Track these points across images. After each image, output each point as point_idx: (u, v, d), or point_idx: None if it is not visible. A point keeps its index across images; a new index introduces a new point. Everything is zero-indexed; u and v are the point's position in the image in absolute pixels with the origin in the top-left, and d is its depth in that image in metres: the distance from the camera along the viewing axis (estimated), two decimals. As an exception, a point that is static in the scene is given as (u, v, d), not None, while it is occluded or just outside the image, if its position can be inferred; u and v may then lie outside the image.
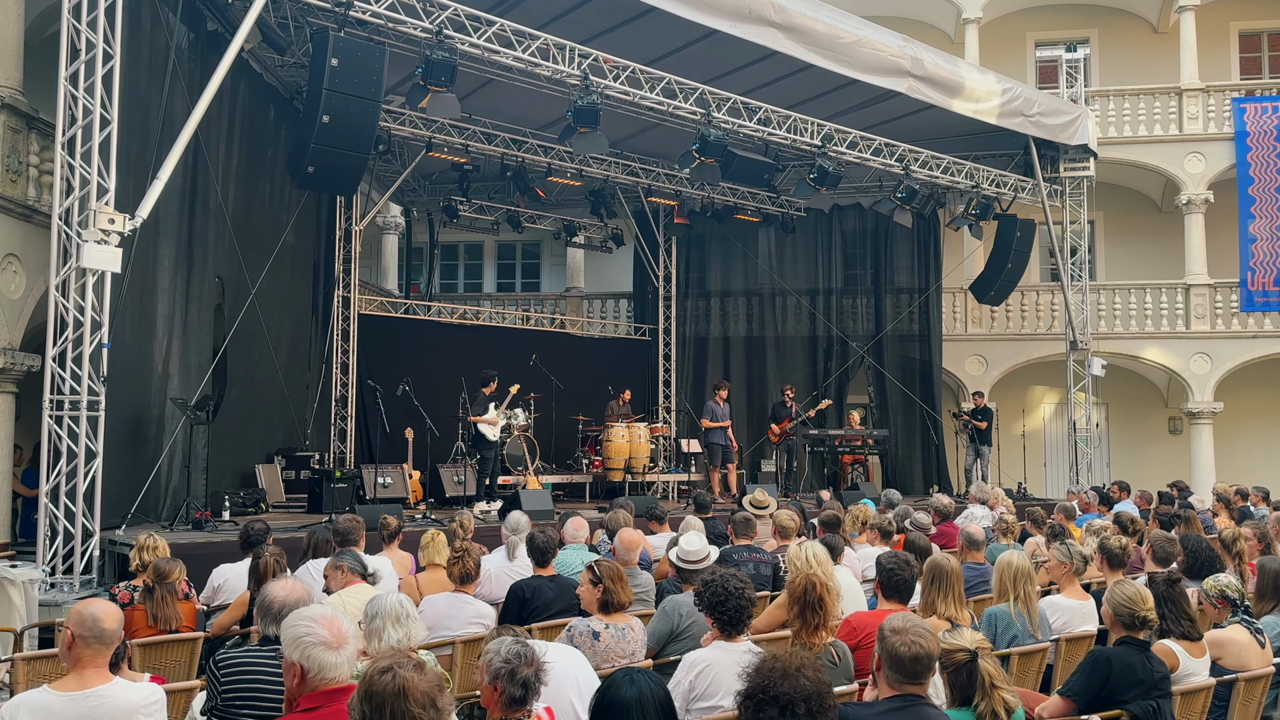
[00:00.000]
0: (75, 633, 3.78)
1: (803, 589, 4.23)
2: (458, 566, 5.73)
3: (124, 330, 9.46)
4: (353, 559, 5.52)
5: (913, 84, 14.47)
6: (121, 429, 9.63)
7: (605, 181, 16.68)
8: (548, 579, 6.03)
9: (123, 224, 8.53)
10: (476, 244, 23.41)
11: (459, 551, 5.80)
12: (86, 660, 3.79)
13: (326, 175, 10.10)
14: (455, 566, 5.74)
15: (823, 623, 4.23)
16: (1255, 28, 21.07)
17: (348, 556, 5.54)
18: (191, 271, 11.29)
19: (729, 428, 15.54)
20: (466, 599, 5.74)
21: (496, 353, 16.54)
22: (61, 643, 3.84)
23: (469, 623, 5.62)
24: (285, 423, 14.27)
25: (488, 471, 12.41)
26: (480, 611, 5.72)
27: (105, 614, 3.86)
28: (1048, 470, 20.61)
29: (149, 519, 10.13)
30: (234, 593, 6.67)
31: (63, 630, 3.83)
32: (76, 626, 3.78)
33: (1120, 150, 19.14)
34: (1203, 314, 19.03)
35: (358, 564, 5.51)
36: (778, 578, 7.17)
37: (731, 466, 15.45)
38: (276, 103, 13.72)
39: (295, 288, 14.57)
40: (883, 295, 19.08)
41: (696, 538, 5.41)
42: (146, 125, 10.16)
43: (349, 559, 5.51)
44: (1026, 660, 5.29)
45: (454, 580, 5.77)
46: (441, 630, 5.59)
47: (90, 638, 3.79)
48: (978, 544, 6.94)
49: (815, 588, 4.22)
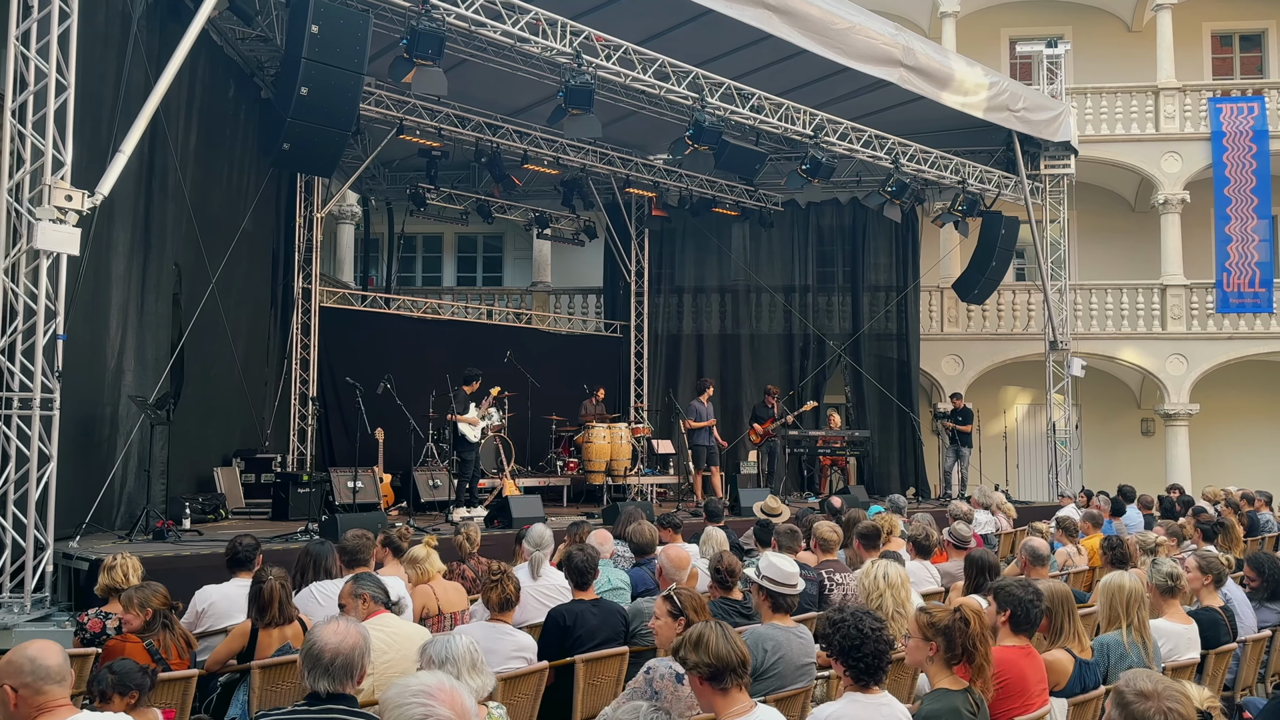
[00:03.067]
0: (14, 685, 3.08)
1: (959, 627, 3.59)
2: (496, 591, 5.00)
3: (75, 321, 8.53)
4: (375, 585, 4.77)
5: (904, 74, 14.01)
6: (72, 429, 8.69)
7: (582, 171, 15.95)
8: (589, 603, 5.32)
9: (81, 201, 7.62)
10: (435, 236, 22.49)
11: (497, 574, 5.07)
12: (46, 709, 3.10)
13: (303, 153, 9.27)
14: (493, 591, 5.01)
15: (982, 666, 3.59)
16: (1227, 29, 21.02)
17: (368, 583, 4.79)
18: (148, 258, 10.36)
19: (714, 427, 14.92)
20: (506, 629, 5.01)
21: (464, 349, 15.74)
22: (3, 705, 3.12)
23: (509, 657, 4.90)
24: (243, 422, 13.33)
25: (468, 475, 11.64)
26: (522, 644, 5.00)
27: (41, 650, 3.20)
28: (1021, 472, 20.35)
29: (103, 528, 9.22)
30: (221, 618, 5.87)
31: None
32: (13, 678, 3.06)
33: (1097, 148, 18.90)
34: (1179, 315, 18.87)
35: (380, 590, 4.76)
36: (823, 598, 6.55)
37: (715, 469, 14.81)
38: (237, 79, 12.77)
39: (253, 278, 13.61)
40: (860, 293, 18.60)
41: (783, 557, 4.74)
42: (102, 95, 9.25)
43: (370, 585, 4.76)
44: (1141, 695, 4.70)
45: (492, 607, 5.05)
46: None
47: (37, 683, 3.11)
48: (1042, 559, 6.38)
49: (972, 623, 3.58)
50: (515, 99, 14.79)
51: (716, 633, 3.30)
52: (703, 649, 3.29)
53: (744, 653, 3.33)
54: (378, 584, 4.79)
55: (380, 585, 4.80)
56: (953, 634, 3.59)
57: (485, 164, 14.59)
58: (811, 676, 4.74)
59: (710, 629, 3.32)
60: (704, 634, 3.32)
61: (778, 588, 4.62)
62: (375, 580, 4.84)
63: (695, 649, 3.31)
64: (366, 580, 4.80)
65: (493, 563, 5.35)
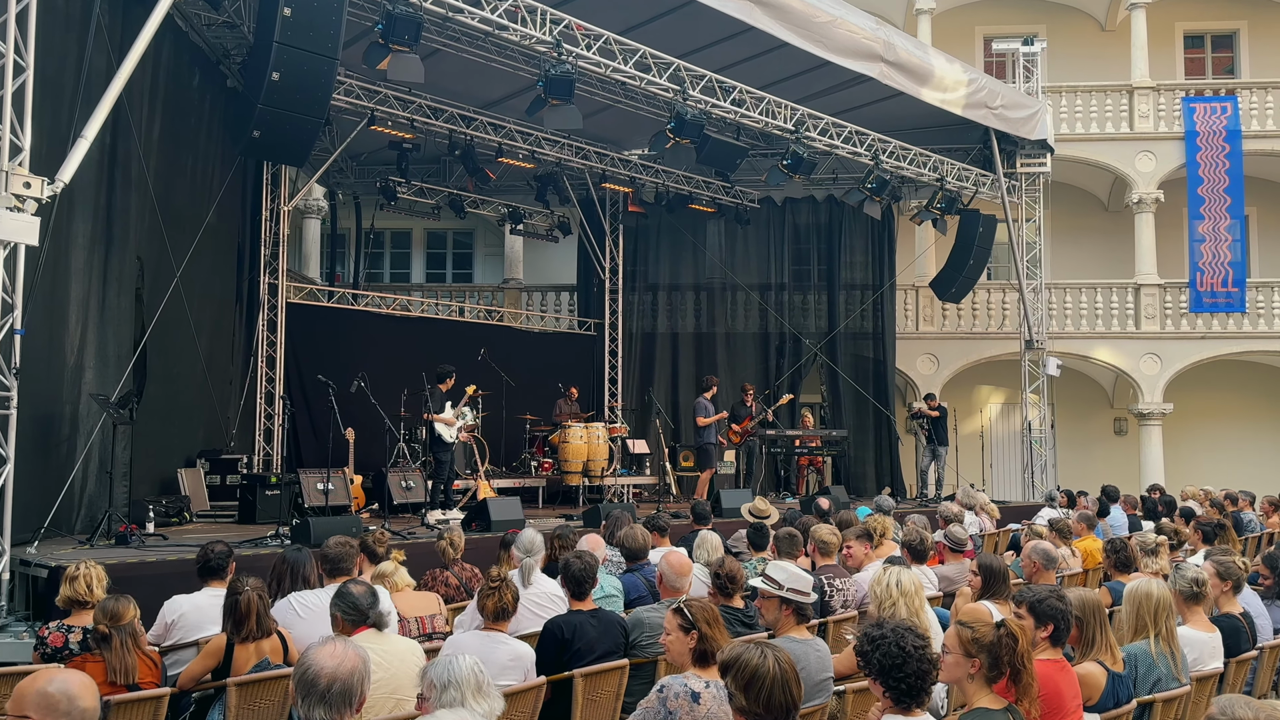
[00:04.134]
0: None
1: (1006, 644, 3.34)
2: (493, 599, 4.70)
3: (33, 316, 8.10)
4: (348, 603, 4.43)
5: (884, 69, 13.85)
6: (30, 429, 8.24)
7: (557, 165, 15.64)
8: (588, 614, 5.03)
9: (40, 189, 7.21)
10: (404, 232, 22.06)
11: (495, 581, 4.77)
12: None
13: (274, 141, 8.88)
14: (490, 599, 4.71)
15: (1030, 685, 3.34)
16: (1199, 29, 21.08)
17: (342, 601, 4.44)
18: (110, 250, 9.91)
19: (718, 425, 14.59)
20: (502, 638, 4.71)
21: (435, 347, 15.39)
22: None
23: (504, 667, 4.59)
24: (206, 422, 12.88)
25: (444, 476, 11.27)
26: (518, 653, 4.70)
27: (79, 688, 2.78)
28: (994, 471, 20.31)
29: (62, 532, 8.78)
30: (191, 630, 5.52)
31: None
32: (43, 713, 2.69)
33: (1071, 148, 18.85)
34: (1153, 314, 18.88)
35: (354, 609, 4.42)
36: (825, 606, 6.31)
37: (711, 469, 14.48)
38: (202, 67, 12.33)
39: (217, 272, 13.15)
40: (836, 291, 18.42)
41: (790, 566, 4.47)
42: (61, 80, 8.81)
43: (342, 604, 4.42)
44: (1170, 708, 4.51)
45: (487, 615, 4.74)
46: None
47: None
48: (1053, 562, 6.17)
49: (1020, 640, 3.33)
50: (488, 91, 14.46)
51: (775, 678, 2.96)
52: (756, 695, 2.97)
53: (797, 697, 3.04)
54: (354, 600, 4.45)
55: (356, 600, 4.46)
56: (999, 651, 3.35)
57: (459, 157, 14.22)
58: (829, 692, 4.50)
59: (768, 671, 2.98)
60: (760, 677, 2.98)
61: (802, 598, 4.36)
62: (352, 596, 4.48)
63: (746, 692, 3.00)
64: (342, 597, 4.45)
65: (492, 568, 5.03)
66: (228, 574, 5.78)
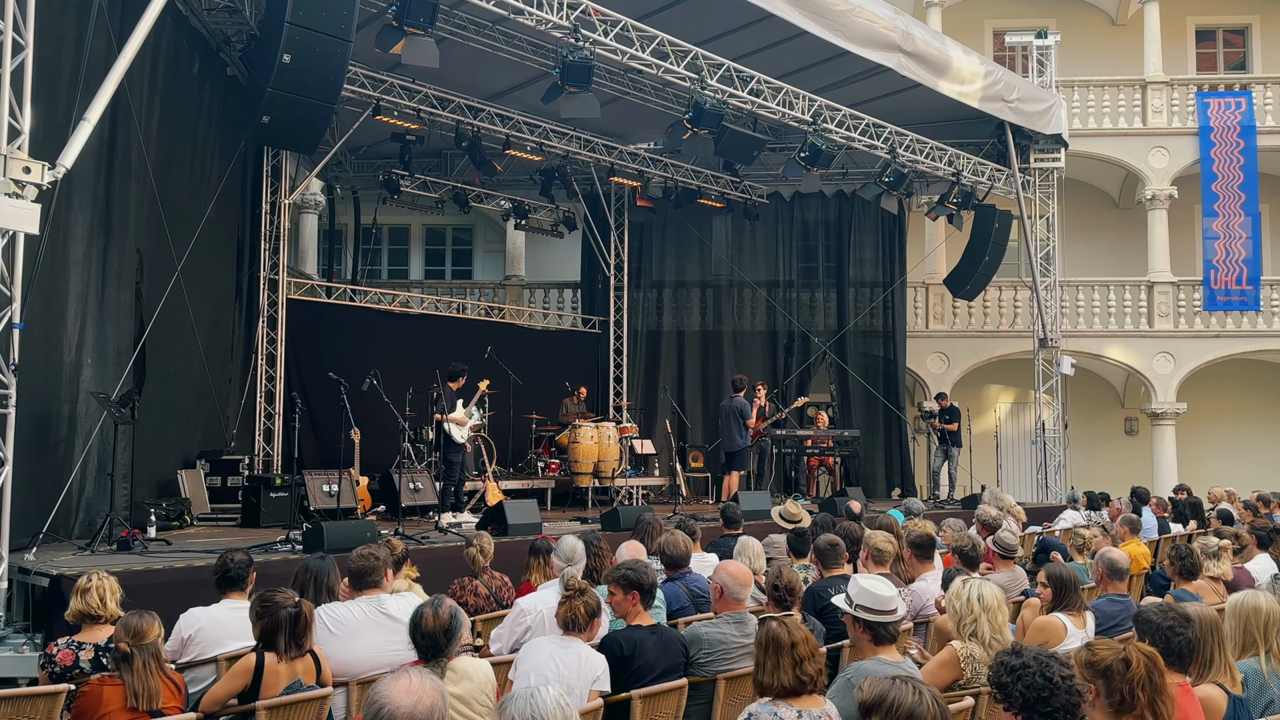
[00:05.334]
0: None
1: (1146, 672, 2.97)
2: (566, 609, 4.33)
3: (31, 310, 7.66)
4: (449, 626, 3.96)
5: (902, 60, 13.53)
6: (27, 429, 7.82)
7: (565, 157, 15.23)
8: (647, 630, 4.64)
9: (41, 174, 6.79)
10: (402, 228, 21.62)
11: (572, 590, 4.40)
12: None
13: (284, 128, 8.50)
14: (563, 608, 4.34)
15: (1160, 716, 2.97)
16: (1211, 23, 20.82)
17: (439, 630, 3.97)
18: (109, 242, 9.46)
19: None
20: (579, 646, 4.31)
21: (438, 344, 15.01)
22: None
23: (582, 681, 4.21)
24: (205, 421, 12.43)
25: (455, 478, 10.88)
26: (593, 662, 4.32)
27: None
28: (1003, 472, 19.97)
29: (60, 537, 8.34)
30: (210, 645, 5.12)
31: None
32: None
33: (1083, 143, 18.54)
34: (1166, 312, 18.59)
35: (453, 631, 3.98)
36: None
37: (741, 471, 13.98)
38: (202, 54, 11.88)
39: (216, 267, 12.68)
40: (846, 289, 18.07)
41: (873, 578, 4.08)
42: (60, 63, 8.38)
43: (442, 632, 3.96)
44: (1283, 732, 4.15)
45: (560, 623, 4.37)
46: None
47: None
48: (1121, 573, 5.81)
49: (1157, 669, 2.97)
50: (493, 83, 14.09)
51: (935, 718, 2.60)
52: None
53: None
54: (429, 634, 3.96)
55: (432, 634, 3.98)
56: (1122, 680, 2.97)
57: (465, 149, 13.81)
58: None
59: (926, 711, 2.61)
60: (917, 718, 2.62)
61: (877, 616, 3.98)
62: (427, 630, 3.99)
63: None
64: (417, 628, 3.98)
65: (573, 579, 4.64)
66: (248, 585, 5.39)
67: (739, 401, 13.35)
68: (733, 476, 13.43)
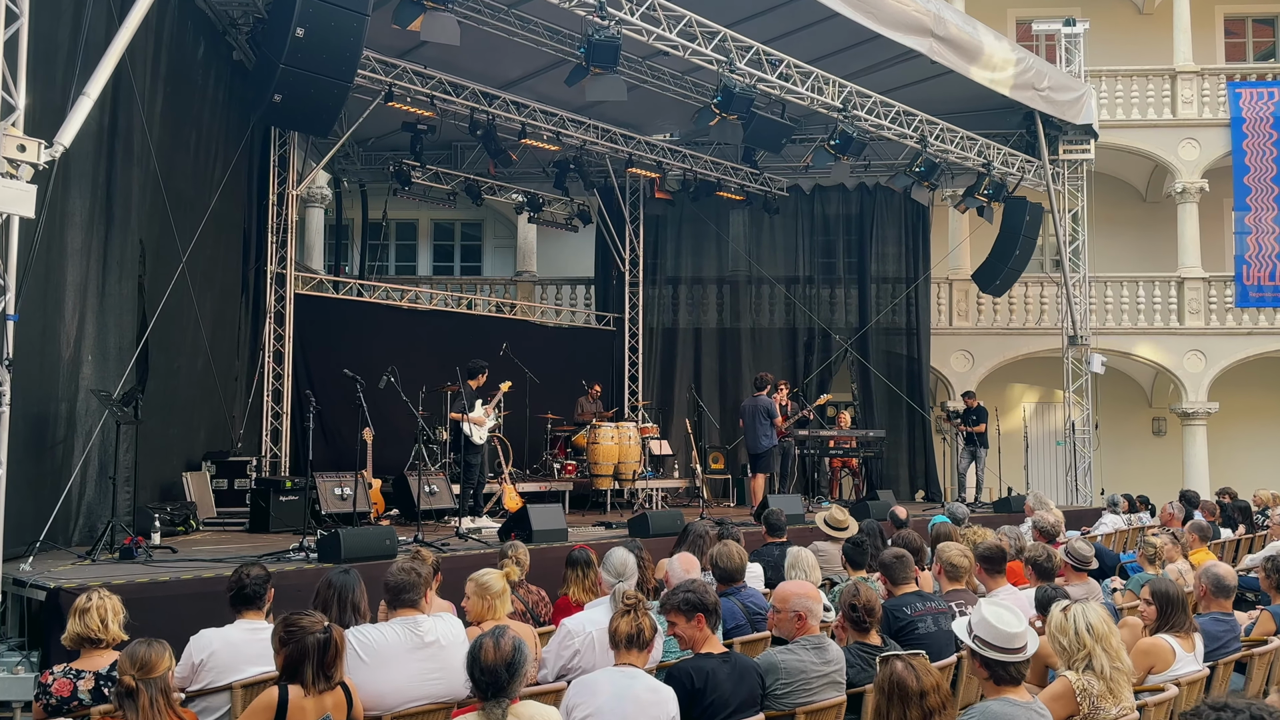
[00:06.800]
0: None
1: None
2: (629, 622, 3.79)
3: (25, 302, 7.13)
4: (513, 660, 3.39)
5: (933, 45, 13.01)
6: (23, 429, 7.29)
7: (582, 148, 14.70)
8: (719, 658, 4.10)
9: (37, 153, 6.27)
10: (409, 223, 21.08)
11: (629, 602, 3.85)
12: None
13: (297, 107, 8.00)
14: (625, 621, 3.80)
15: None
16: (1240, 12, 20.30)
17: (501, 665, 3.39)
18: (110, 231, 8.92)
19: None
20: (645, 679, 3.75)
21: (449, 341, 14.53)
22: None
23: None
24: (209, 421, 11.88)
25: (474, 481, 10.35)
26: (663, 698, 3.75)
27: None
28: (1028, 474, 19.42)
29: (57, 545, 7.79)
30: (223, 672, 4.59)
31: None
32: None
33: (1111, 134, 17.99)
34: (1197, 309, 18.07)
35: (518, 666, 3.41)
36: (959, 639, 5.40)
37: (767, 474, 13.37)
38: (208, 37, 11.35)
39: (221, 260, 12.13)
40: (867, 284, 17.52)
41: (998, 608, 3.53)
42: (57, 37, 7.84)
43: (503, 669, 3.38)
44: None
45: (619, 645, 3.83)
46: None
47: None
48: (1228, 590, 5.29)
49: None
50: (506, 70, 13.60)
51: None
52: None
53: None
54: (490, 669, 3.39)
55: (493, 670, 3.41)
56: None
57: (480, 137, 13.28)
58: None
59: None
60: None
61: (1001, 654, 3.43)
62: (487, 664, 3.40)
63: None
64: (475, 662, 3.39)
65: (626, 594, 4.09)
66: (265, 603, 4.86)
67: (765, 400, 12.75)
68: (758, 479, 12.82)
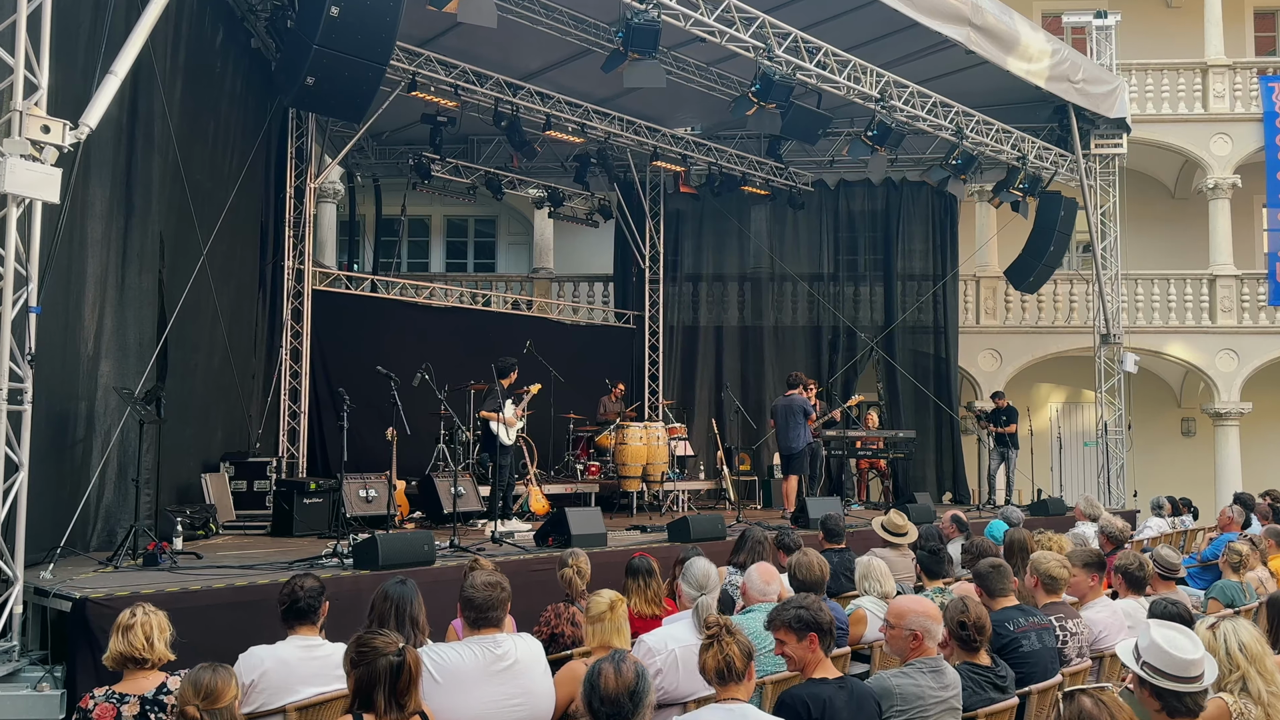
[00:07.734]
0: None
1: None
2: (716, 655, 3.38)
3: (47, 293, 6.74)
4: (637, 688, 2.99)
5: (970, 34, 12.65)
6: (43, 429, 6.89)
7: (606, 140, 14.31)
8: (834, 683, 3.70)
9: (61, 134, 5.88)
10: (421, 219, 20.68)
11: (711, 632, 3.45)
12: None
13: (330, 90, 7.62)
14: (710, 654, 3.39)
15: None
16: (1271, 5, 19.92)
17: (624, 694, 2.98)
18: (130, 221, 8.53)
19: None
20: (751, 714, 3.36)
21: (472, 339, 14.18)
22: None
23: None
24: (227, 420, 11.48)
25: (504, 482, 9.96)
26: None
27: None
28: (1055, 475, 19.05)
29: (76, 551, 7.41)
30: (276, 693, 4.20)
31: None
32: None
33: (1141, 129, 17.60)
34: (1229, 307, 17.69)
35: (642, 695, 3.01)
36: (1060, 655, 5.03)
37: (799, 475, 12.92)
38: (226, 23, 10.95)
39: (237, 254, 11.71)
40: (893, 282, 17.13)
41: (1171, 631, 3.14)
42: (78, 15, 7.46)
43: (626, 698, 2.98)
44: None
45: (709, 675, 3.43)
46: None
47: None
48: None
49: None
50: (527, 61, 13.26)
51: None
52: None
53: None
54: (612, 698, 2.99)
55: (616, 699, 3.02)
56: None
57: (505, 129, 12.89)
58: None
59: None
60: None
61: (1174, 684, 3.04)
62: (608, 693, 3.00)
63: None
64: (594, 690, 3.00)
65: (710, 615, 3.68)
66: (319, 617, 4.48)
67: (799, 399, 12.32)
68: (791, 481, 12.40)
